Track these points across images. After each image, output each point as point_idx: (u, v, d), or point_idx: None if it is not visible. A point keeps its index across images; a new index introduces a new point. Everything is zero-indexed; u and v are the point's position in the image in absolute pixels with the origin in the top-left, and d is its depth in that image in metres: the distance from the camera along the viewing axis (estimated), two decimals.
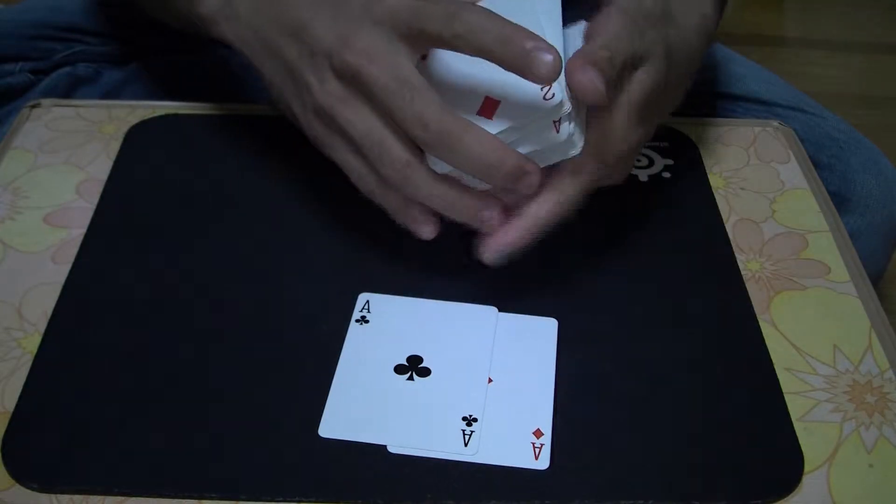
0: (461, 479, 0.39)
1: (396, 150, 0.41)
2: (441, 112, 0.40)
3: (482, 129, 0.40)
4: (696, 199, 0.54)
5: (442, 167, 0.42)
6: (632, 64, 0.42)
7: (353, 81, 0.41)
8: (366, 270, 0.48)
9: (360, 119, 0.42)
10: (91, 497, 0.38)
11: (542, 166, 0.42)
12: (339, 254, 0.50)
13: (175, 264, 0.49)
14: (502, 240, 0.43)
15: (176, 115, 0.59)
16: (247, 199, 0.53)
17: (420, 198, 0.42)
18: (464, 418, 0.41)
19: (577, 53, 0.41)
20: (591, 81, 0.39)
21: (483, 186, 0.43)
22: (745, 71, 0.73)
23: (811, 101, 0.72)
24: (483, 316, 0.46)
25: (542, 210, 0.43)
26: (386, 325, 0.46)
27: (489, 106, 0.42)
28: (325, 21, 0.42)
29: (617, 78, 0.41)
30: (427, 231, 0.44)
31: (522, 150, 0.41)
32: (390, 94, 0.40)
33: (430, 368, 0.43)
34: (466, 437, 0.41)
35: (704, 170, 0.56)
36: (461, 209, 0.43)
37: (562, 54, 0.39)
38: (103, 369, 0.43)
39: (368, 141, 0.42)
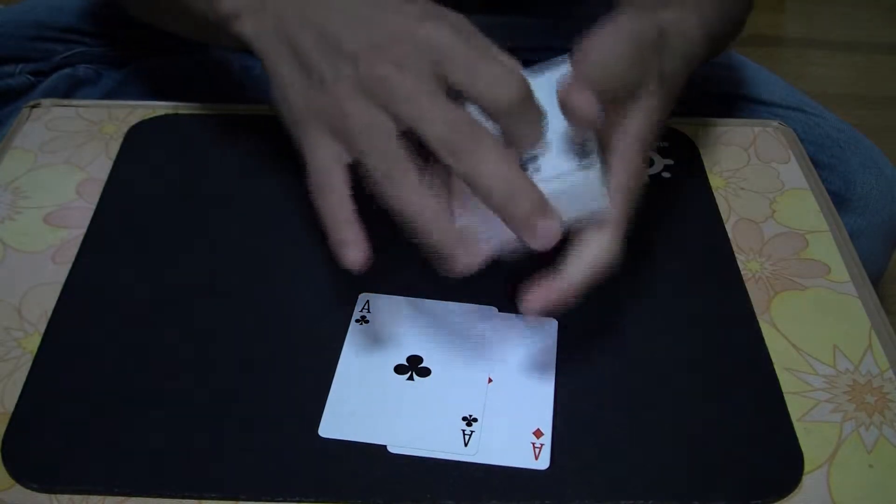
0: (461, 479, 0.39)
1: (394, 143, 0.39)
2: (468, 118, 0.38)
3: (509, 150, 0.38)
4: (696, 199, 0.54)
5: (467, 218, 0.39)
6: (629, 91, 0.41)
7: (377, 87, 0.39)
8: (366, 270, 0.48)
9: (369, 114, 0.40)
10: (91, 497, 0.38)
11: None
12: None
13: (175, 264, 0.49)
14: (543, 299, 0.40)
15: (176, 115, 0.59)
16: (246, 199, 0.53)
17: (399, 198, 0.39)
18: (464, 418, 0.41)
19: (573, 74, 0.39)
20: (588, 104, 0.37)
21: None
22: (745, 71, 0.73)
23: (811, 102, 0.72)
24: (483, 316, 0.46)
25: (579, 272, 0.40)
26: (386, 325, 0.46)
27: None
28: (359, 26, 0.41)
29: (612, 103, 0.40)
30: (353, 256, 0.40)
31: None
32: (416, 97, 0.38)
33: (430, 368, 0.44)
34: (466, 437, 0.41)
35: (704, 170, 0.56)
36: (436, 229, 0.38)
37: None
38: (103, 369, 0.43)
39: (369, 131, 0.39)
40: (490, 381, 0.43)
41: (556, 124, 0.40)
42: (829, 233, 0.52)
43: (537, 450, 0.40)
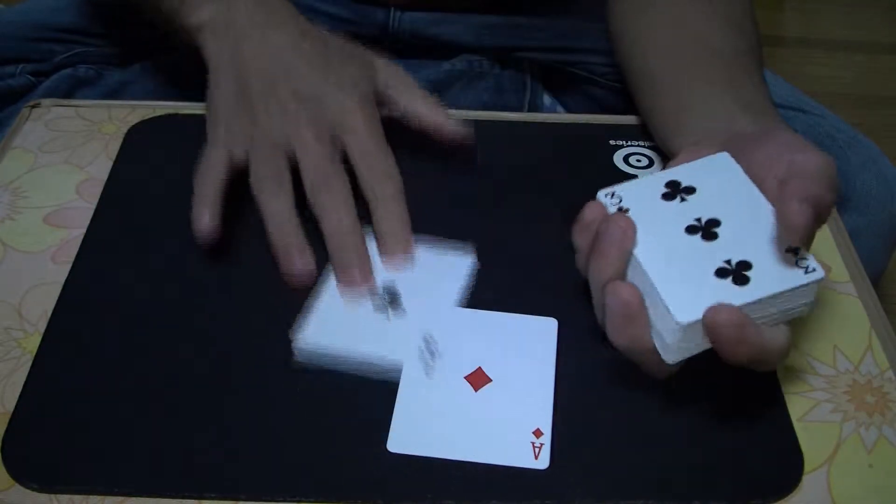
0: (461, 478, 0.39)
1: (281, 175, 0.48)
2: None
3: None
4: None
5: (672, 355, 0.39)
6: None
7: (290, 140, 0.48)
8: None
9: (272, 161, 0.48)
10: (91, 497, 0.38)
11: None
12: None
13: (175, 264, 0.49)
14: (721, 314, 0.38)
15: (176, 115, 0.59)
16: (247, 198, 0.53)
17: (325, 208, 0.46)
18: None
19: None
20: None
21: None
22: None
23: (811, 101, 0.72)
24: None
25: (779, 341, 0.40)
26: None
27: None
28: (297, 79, 0.49)
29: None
30: (300, 263, 0.46)
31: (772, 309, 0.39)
32: (318, 163, 0.48)
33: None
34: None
35: None
36: (350, 242, 0.46)
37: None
38: (103, 369, 0.43)
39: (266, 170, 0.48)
40: (490, 381, 0.43)
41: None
42: (828, 232, 0.52)
43: (537, 449, 0.40)
